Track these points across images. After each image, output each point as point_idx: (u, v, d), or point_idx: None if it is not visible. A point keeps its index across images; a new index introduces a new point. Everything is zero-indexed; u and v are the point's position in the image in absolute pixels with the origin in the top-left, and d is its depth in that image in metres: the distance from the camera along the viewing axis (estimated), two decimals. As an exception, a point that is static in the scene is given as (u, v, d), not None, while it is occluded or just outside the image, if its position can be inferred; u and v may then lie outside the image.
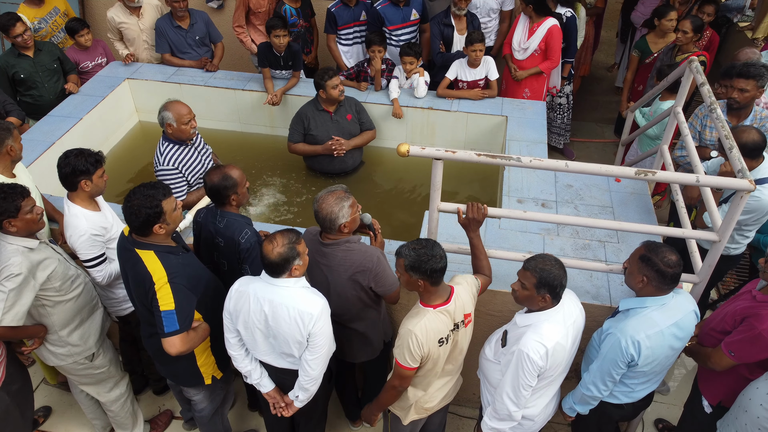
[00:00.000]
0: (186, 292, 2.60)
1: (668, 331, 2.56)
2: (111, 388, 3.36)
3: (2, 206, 2.66)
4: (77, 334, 3.05)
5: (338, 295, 2.84)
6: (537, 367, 2.47)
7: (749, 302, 2.74)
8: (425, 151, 2.60)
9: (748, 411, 2.65)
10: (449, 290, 2.56)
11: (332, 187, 2.82)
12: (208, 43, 5.34)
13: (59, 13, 5.40)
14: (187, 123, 3.58)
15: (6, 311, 2.68)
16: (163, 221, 2.60)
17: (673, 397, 3.91)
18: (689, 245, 3.02)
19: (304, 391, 2.76)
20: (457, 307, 2.56)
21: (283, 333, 2.58)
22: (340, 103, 4.46)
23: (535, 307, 2.54)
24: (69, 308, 2.97)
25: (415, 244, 2.49)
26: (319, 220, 2.75)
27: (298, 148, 4.55)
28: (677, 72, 3.70)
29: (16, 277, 2.68)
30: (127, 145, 5.10)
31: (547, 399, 2.73)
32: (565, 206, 3.69)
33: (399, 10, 5.12)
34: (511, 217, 2.85)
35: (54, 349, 3.04)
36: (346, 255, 2.78)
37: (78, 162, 2.93)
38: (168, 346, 2.54)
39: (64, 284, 2.91)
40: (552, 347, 2.46)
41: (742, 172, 2.50)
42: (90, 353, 3.15)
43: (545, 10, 5.00)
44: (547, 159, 2.57)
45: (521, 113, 4.65)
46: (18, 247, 2.74)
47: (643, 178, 2.47)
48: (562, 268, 2.49)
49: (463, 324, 2.60)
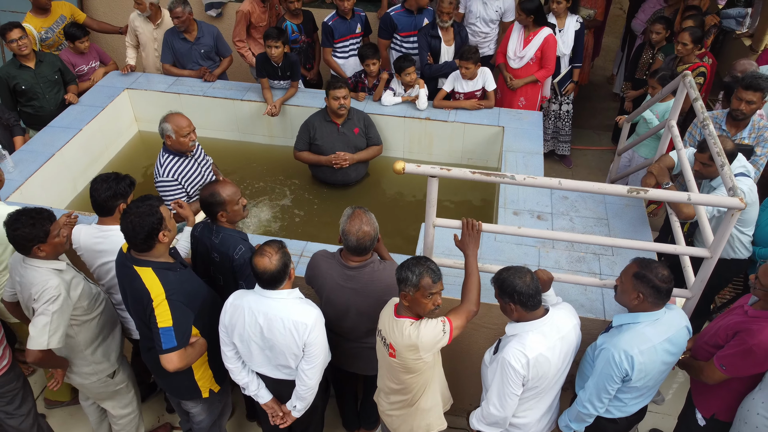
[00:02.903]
0: (183, 309, 2.63)
1: (661, 346, 2.59)
2: (126, 404, 3.39)
3: (32, 233, 2.68)
4: (100, 351, 3.09)
5: (359, 314, 2.87)
6: (519, 375, 2.51)
7: (741, 317, 2.78)
8: (420, 169, 2.63)
9: (748, 422, 2.70)
10: (410, 315, 2.55)
11: (347, 210, 2.80)
12: (215, 56, 5.39)
13: (65, 21, 5.46)
14: (186, 135, 3.62)
15: (52, 334, 2.72)
16: (165, 228, 2.64)
17: (668, 407, 3.94)
18: (682, 261, 3.05)
19: (302, 400, 2.81)
20: (393, 330, 2.55)
21: (279, 344, 2.62)
22: (348, 116, 4.49)
23: (511, 318, 2.59)
24: (93, 326, 3.01)
25: (413, 260, 2.51)
26: (364, 246, 2.73)
27: (302, 156, 4.61)
28: (672, 84, 3.72)
29: (57, 299, 2.73)
30: (126, 155, 5.13)
31: (540, 412, 2.75)
32: (560, 218, 3.72)
33: (412, 18, 5.20)
34: (506, 233, 2.88)
35: (79, 369, 3.07)
36: (373, 275, 2.81)
37: (120, 187, 2.98)
38: (166, 362, 2.58)
39: (90, 303, 2.96)
40: (534, 357, 2.50)
41: (733, 190, 2.53)
42: (112, 370, 3.19)
43: (543, 20, 5.07)
44: (540, 177, 2.59)
45: (518, 123, 4.69)
46: (49, 269, 2.78)
47: (635, 196, 2.50)
48: (522, 275, 2.49)
49: (388, 349, 2.60)
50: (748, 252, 3.65)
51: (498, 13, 5.43)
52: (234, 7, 6.21)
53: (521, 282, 2.48)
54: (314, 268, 2.94)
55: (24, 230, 2.68)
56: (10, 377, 3.17)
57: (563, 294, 3.12)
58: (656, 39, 5.25)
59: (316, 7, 6.03)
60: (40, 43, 5.33)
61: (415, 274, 2.43)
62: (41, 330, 2.71)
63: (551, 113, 5.80)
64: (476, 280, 2.74)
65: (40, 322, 2.71)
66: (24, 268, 2.81)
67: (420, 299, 2.45)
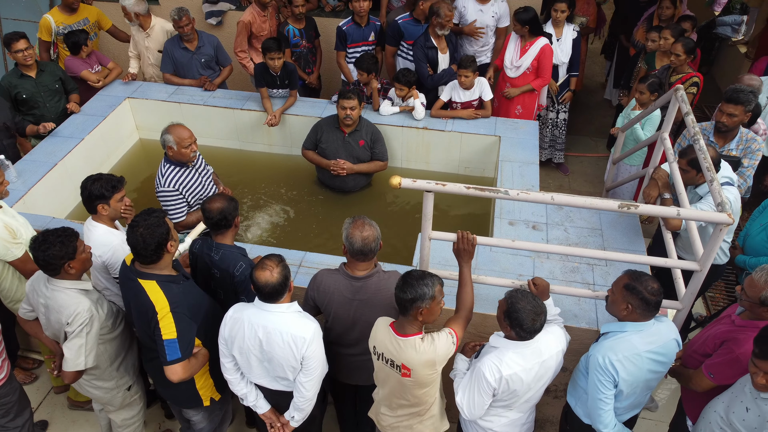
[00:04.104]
0: (187, 321, 2.69)
1: (646, 355, 2.66)
2: (134, 415, 3.44)
3: (62, 251, 2.72)
4: (123, 366, 3.16)
5: (367, 325, 2.88)
6: (490, 386, 2.58)
7: (729, 326, 2.85)
8: (416, 184, 2.69)
9: (704, 417, 2.78)
10: (412, 332, 2.57)
11: (347, 220, 2.85)
12: (215, 66, 5.46)
13: (88, 24, 5.55)
14: (188, 147, 3.68)
15: (88, 354, 2.82)
16: (172, 238, 2.71)
17: (661, 414, 4.01)
18: (673, 273, 3.11)
19: (300, 411, 2.86)
20: (400, 350, 2.56)
21: (278, 357, 2.67)
22: (357, 127, 4.57)
23: (504, 331, 2.65)
24: (117, 343, 3.07)
25: (417, 275, 2.54)
26: (369, 248, 2.76)
27: (308, 154, 4.76)
28: (665, 97, 3.79)
29: (90, 321, 2.80)
30: (128, 163, 5.20)
31: (507, 420, 2.80)
32: (555, 228, 3.79)
33: (419, 26, 5.27)
34: (501, 246, 2.94)
35: (102, 384, 3.11)
36: (380, 283, 2.86)
37: (95, 187, 3.06)
38: (170, 373, 2.64)
39: (114, 321, 3.01)
40: (508, 375, 2.56)
41: (722, 206, 2.60)
42: (130, 383, 3.25)
43: (539, 30, 5.13)
44: (533, 192, 2.66)
45: (514, 133, 4.75)
46: (77, 291, 2.84)
47: (626, 211, 2.57)
48: (535, 315, 2.51)
49: (399, 370, 2.61)
50: (726, 257, 3.77)
51: (494, 18, 5.49)
52: (234, 16, 6.27)
53: (530, 322, 2.51)
54: (319, 285, 2.95)
55: (54, 250, 2.70)
56: (6, 390, 3.21)
57: (557, 304, 3.18)
58: (652, 47, 5.32)
59: (316, 15, 6.09)
60: (56, 36, 5.41)
61: (429, 287, 2.49)
62: (77, 352, 2.78)
63: (548, 121, 5.87)
64: (470, 289, 2.85)
65: (75, 344, 2.78)
66: (51, 291, 2.82)
67: (434, 308, 2.53)
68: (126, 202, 3.23)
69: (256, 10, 5.49)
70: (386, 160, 4.77)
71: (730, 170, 3.52)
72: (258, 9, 5.49)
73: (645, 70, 5.40)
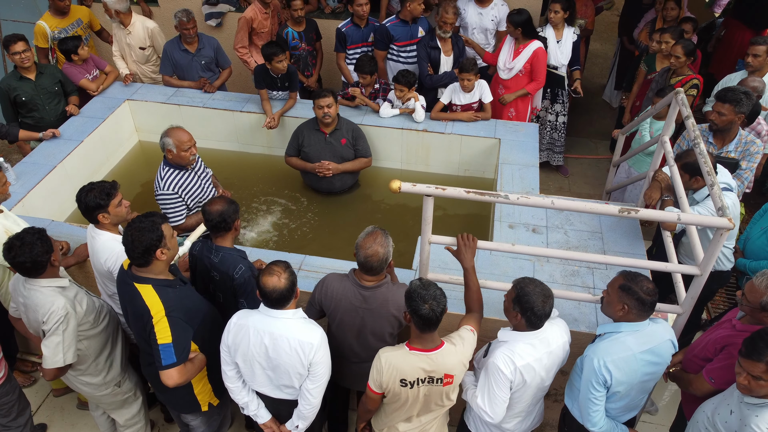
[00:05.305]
0: (183, 325, 2.67)
1: (641, 356, 2.66)
2: (134, 414, 3.44)
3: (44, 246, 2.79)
4: (108, 362, 3.16)
5: (373, 335, 2.89)
6: (506, 378, 2.59)
7: (729, 331, 2.85)
8: (416, 188, 2.67)
9: (692, 417, 2.79)
10: (438, 343, 2.56)
11: (368, 228, 2.85)
12: (215, 68, 5.45)
13: (81, 25, 5.55)
14: (187, 150, 3.67)
15: (66, 350, 2.84)
16: (164, 246, 2.67)
17: (662, 417, 3.99)
18: (674, 277, 3.10)
19: (304, 419, 2.84)
20: (438, 364, 2.53)
21: (284, 364, 2.65)
22: (337, 126, 4.55)
23: (510, 322, 2.67)
24: (100, 339, 3.08)
25: (418, 281, 2.53)
26: (371, 264, 2.76)
27: (291, 161, 4.74)
28: (665, 101, 3.78)
29: (65, 318, 2.81)
30: (127, 165, 5.19)
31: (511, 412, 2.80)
32: (555, 231, 3.78)
33: (408, 27, 5.26)
34: (501, 250, 2.94)
35: (89, 380, 3.13)
36: (386, 294, 2.85)
37: (89, 199, 3.05)
38: (165, 378, 2.62)
39: (96, 316, 3.02)
40: (522, 366, 2.59)
41: (722, 210, 2.59)
42: (118, 379, 3.25)
43: (532, 33, 5.13)
44: (533, 196, 2.65)
45: (514, 135, 4.74)
46: (53, 289, 2.85)
47: (626, 215, 2.56)
48: (545, 298, 2.55)
49: (441, 382, 2.59)
50: (730, 263, 3.74)
51: (494, 22, 5.48)
52: (233, 18, 6.26)
53: (540, 305, 2.54)
54: (327, 290, 2.93)
55: (38, 248, 2.77)
56: (6, 390, 3.23)
57: (557, 307, 3.16)
58: (656, 49, 5.28)
59: (315, 17, 6.08)
60: (52, 41, 5.40)
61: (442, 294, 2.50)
62: (55, 349, 2.80)
63: (548, 124, 5.85)
64: (477, 289, 2.88)
65: (53, 342, 2.80)
66: (28, 290, 2.86)
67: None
68: (125, 204, 3.22)
69: (258, 7, 5.49)
70: (370, 156, 4.76)
71: (729, 176, 3.50)
72: (260, 6, 5.49)
73: (645, 71, 5.40)
